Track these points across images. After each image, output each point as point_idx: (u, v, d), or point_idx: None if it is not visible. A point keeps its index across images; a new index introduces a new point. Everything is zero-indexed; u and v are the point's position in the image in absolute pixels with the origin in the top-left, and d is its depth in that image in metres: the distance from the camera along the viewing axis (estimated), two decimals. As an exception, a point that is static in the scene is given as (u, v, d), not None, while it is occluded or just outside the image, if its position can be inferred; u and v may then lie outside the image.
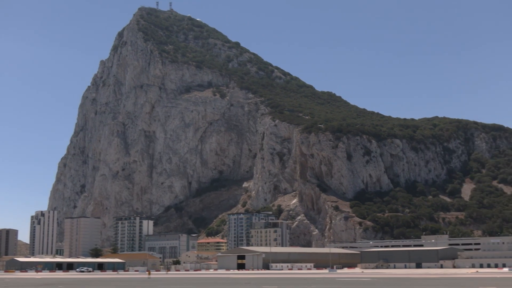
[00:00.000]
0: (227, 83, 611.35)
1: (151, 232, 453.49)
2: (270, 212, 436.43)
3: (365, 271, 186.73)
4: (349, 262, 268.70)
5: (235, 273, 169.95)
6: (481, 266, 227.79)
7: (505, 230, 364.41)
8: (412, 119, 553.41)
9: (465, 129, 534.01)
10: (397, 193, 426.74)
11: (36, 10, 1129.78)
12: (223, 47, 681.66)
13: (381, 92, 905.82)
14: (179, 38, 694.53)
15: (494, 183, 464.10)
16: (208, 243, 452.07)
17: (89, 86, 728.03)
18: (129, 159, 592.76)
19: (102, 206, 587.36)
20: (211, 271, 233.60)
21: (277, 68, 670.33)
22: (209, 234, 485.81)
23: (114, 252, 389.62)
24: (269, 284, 70.96)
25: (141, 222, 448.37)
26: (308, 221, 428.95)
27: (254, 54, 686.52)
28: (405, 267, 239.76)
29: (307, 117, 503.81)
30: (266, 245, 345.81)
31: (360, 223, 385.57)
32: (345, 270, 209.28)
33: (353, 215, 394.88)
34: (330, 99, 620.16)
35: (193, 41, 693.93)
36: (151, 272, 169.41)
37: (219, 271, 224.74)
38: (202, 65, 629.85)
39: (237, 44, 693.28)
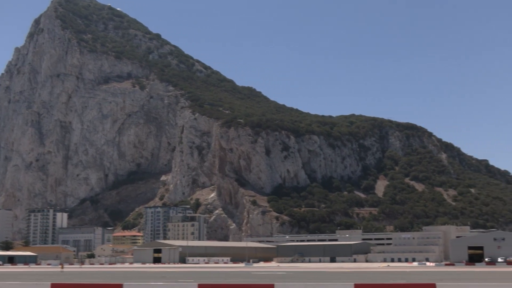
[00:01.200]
0: (147, 75, 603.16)
1: (65, 225, 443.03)
2: (188, 206, 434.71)
3: (281, 264, 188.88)
4: (265, 256, 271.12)
5: (151, 267, 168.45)
6: (392, 260, 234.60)
7: (416, 225, 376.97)
8: (330, 116, 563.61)
9: (380, 127, 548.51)
10: (313, 188, 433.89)
11: None
12: (144, 38, 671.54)
13: (301, 88, 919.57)
14: (98, 28, 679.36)
15: (407, 180, 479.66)
16: (124, 236, 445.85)
17: (2, 74, 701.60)
18: (43, 149, 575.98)
19: (14, 198, 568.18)
20: (127, 264, 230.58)
21: (198, 61, 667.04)
22: (125, 228, 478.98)
23: (26, 245, 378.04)
24: (185, 278, 70.65)
25: (54, 214, 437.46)
26: (226, 215, 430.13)
27: (175, 46, 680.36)
28: (320, 261, 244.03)
29: (227, 112, 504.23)
30: (183, 238, 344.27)
31: (277, 218, 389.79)
32: (261, 264, 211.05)
33: (271, 209, 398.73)
34: (250, 94, 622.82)
35: (113, 31, 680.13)
36: (64, 266, 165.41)
37: (135, 264, 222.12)
38: (122, 56, 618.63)
39: (158, 36, 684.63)
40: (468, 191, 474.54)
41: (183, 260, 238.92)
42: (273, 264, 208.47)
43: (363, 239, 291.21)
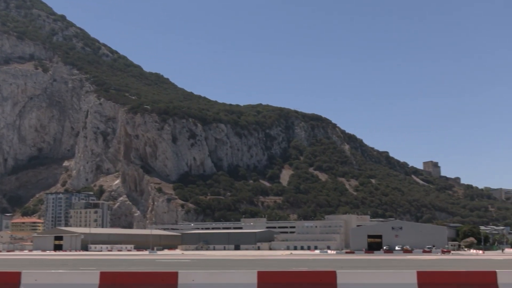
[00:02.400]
0: (51, 57, 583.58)
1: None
2: (91, 193, 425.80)
3: (185, 252, 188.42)
4: (170, 243, 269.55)
5: (51, 254, 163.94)
6: (295, 248, 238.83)
7: (318, 214, 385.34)
8: (237, 105, 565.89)
9: (286, 118, 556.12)
10: (220, 176, 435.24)
11: None
12: (48, 19, 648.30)
13: (209, 76, 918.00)
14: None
15: (311, 170, 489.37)
16: (24, 223, 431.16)
17: None
18: None
19: None
20: (26, 252, 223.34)
21: (104, 45, 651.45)
22: (25, 214, 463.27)
23: None
24: (86, 265, 69.16)
25: None
26: (130, 203, 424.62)
27: (80, 29, 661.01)
28: (224, 249, 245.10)
29: (133, 97, 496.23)
30: (86, 226, 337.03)
31: (182, 206, 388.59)
32: (166, 251, 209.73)
33: (176, 197, 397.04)
34: (158, 80, 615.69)
35: (15, 10, 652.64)
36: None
37: (34, 252, 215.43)
38: (24, 37, 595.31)
39: (62, 17, 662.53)
40: (369, 182, 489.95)
41: (85, 248, 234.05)
42: (177, 251, 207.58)
43: (267, 227, 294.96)
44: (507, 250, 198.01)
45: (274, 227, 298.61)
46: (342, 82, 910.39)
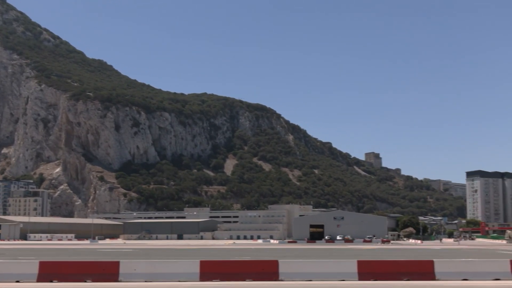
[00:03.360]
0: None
1: None
2: (31, 181, 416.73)
3: (127, 242, 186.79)
4: (112, 233, 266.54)
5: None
6: (238, 238, 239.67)
7: (262, 204, 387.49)
8: (182, 94, 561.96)
9: (231, 107, 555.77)
10: (163, 165, 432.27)
11: None
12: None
13: (153, 64, 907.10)
14: None
15: (255, 159, 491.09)
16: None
17: None
18: None
19: None
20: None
21: (46, 30, 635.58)
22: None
23: None
24: (25, 255, 67.78)
25: None
26: (72, 191, 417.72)
27: (21, 13, 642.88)
28: (167, 238, 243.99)
29: (75, 84, 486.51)
30: (25, 214, 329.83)
31: (124, 194, 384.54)
32: (107, 241, 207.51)
33: (118, 186, 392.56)
34: (101, 67, 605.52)
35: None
36: None
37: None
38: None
39: (2, 1, 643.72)
40: (312, 172, 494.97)
41: (24, 237, 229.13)
42: (119, 241, 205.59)
43: (211, 217, 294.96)
44: (444, 240, 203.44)
45: (218, 217, 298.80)
46: (287, 73, 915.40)
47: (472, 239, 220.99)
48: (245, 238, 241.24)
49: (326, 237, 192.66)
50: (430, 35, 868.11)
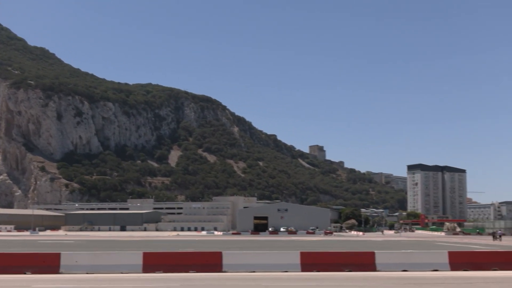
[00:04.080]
0: None
1: None
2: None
3: (69, 233, 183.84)
4: (53, 224, 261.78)
5: None
6: (182, 230, 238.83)
7: (206, 196, 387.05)
8: (126, 84, 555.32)
9: (176, 98, 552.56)
10: (106, 156, 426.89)
11: None
12: None
13: (97, 53, 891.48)
14: None
15: (200, 151, 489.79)
16: None
17: None
18: None
19: None
20: None
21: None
22: None
23: None
24: (-38, 246, 65.98)
25: None
26: (11, 181, 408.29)
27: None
28: (110, 230, 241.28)
29: (16, 72, 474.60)
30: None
31: (66, 185, 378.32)
32: (48, 232, 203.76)
33: (60, 176, 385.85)
34: (43, 55, 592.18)
35: None
36: None
37: None
38: None
39: None
40: (256, 164, 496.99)
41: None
42: (60, 232, 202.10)
43: (154, 208, 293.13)
44: (386, 231, 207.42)
45: (161, 208, 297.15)
46: (233, 65, 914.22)
47: (412, 231, 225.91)
48: (189, 229, 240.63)
49: (270, 229, 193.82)
50: (367, 31, 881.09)
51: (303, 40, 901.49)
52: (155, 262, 29.36)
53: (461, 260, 31.08)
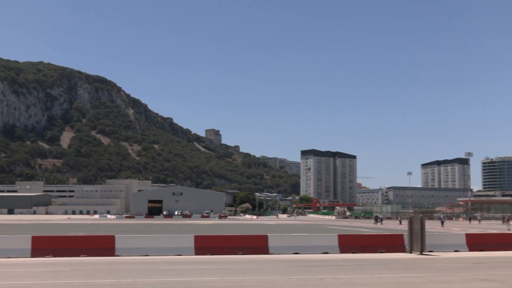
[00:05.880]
0: None
1: None
2: None
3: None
4: None
5: None
6: (74, 213, 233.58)
7: (100, 179, 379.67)
8: (16, 61, 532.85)
9: (69, 78, 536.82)
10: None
11: None
12: None
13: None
14: None
15: (93, 133, 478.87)
16: None
17: None
18: None
19: None
20: None
21: None
22: None
23: None
24: None
25: None
26: None
27: None
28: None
29: None
30: None
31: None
32: None
33: None
34: None
35: None
36: None
37: None
38: None
39: None
40: (151, 147, 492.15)
41: None
42: None
43: (45, 191, 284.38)
44: (280, 215, 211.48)
45: (52, 191, 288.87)
46: (128, 46, 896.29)
47: (304, 214, 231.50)
48: (81, 213, 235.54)
49: (165, 212, 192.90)
50: (265, 21, 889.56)
51: (199, 23, 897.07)
52: (44, 246, 28.53)
53: (350, 243, 32.14)
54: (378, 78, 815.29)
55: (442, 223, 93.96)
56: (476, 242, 34.21)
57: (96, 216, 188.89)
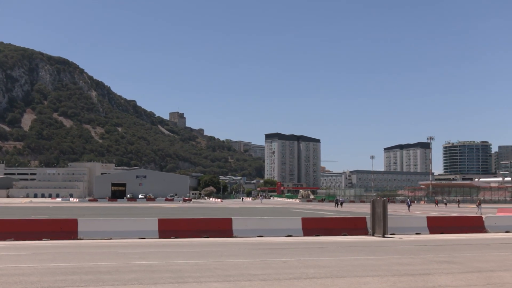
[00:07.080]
0: None
1: None
2: None
3: None
4: None
5: None
6: (36, 196, 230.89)
7: (62, 161, 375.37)
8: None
9: (30, 59, 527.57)
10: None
11: None
12: None
13: None
14: None
15: (55, 115, 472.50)
16: None
17: None
18: None
19: None
20: None
21: None
22: None
23: None
24: None
25: None
26: None
27: None
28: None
29: None
30: None
31: None
32: None
33: None
34: None
35: None
36: None
37: None
38: None
39: None
40: (115, 130, 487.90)
41: None
42: None
43: (6, 174, 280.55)
44: (245, 199, 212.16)
45: (13, 174, 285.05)
46: (90, 26, 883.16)
47: (269, 198, 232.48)
48: (43, 196, 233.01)
49: (128, 196, 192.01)
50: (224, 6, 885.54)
51: (162, 5, 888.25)
52: (5, 229, 28.17)
53: (313, 226, 32.42)
54: (342, 63, 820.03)
55: (409, 206, 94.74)
56: (437, 225, 34.82)
57: (59, 199, 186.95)
